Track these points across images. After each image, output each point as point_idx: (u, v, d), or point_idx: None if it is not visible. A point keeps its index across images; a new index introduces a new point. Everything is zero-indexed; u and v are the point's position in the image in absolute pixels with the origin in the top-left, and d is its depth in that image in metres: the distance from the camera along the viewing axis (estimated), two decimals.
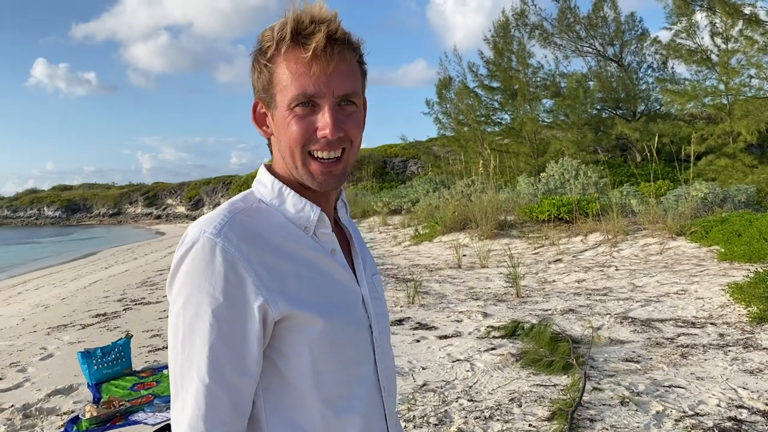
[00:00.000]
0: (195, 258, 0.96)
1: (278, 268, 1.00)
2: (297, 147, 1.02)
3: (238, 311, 0.95)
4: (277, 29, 1.01)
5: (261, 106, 1.08)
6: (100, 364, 4.72)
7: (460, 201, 14.65)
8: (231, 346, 0.95)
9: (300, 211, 1.07)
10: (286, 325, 0.99)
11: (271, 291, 0.97)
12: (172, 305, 0.98)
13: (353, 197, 24.25)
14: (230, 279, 0.95)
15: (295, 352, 1.01)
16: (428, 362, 4.57)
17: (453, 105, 26.41)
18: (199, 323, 0.94)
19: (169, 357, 0.98)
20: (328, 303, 1.04)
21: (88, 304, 9.23)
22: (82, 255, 27.40)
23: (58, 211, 79.41)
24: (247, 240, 0.98)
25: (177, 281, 0.97)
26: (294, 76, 1.00)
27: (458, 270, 9.20)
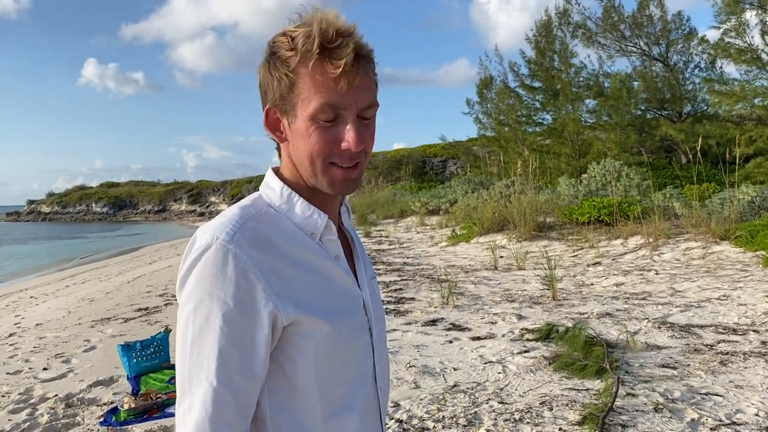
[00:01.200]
0: (207, 264, 0.97)
1: (287, 275, 1.02)
2: (319, 156, 1.03)
3: (248, 317, 0.97)
4: (301, 40, 0.99)
5: (275, 112, 1.07)
6: (139, 357, 4.84)
7: (499, 202, 14.54)
8: (240, 350, 0.97)
9: (308, 218, 1.09)
10: (293, 329, 1.02)
11: (280, 297, 1.00)
12: (182, 309, 1.00)
13: (391, 197, 24.29)
14: (241, 285, 0.97)
15: (301, 356, 1.03)
16: (460, 363, 4.57)
17: (493, 105, 26.22)
18: (209, 327, 0.96)
19: (177, 359, 1.00)
20: (333, 308, 1.07)
21: (131, 299, 9.49)
22: (128, 250, 28.11)
23: (105, 208, 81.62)
24: (257, 247, 1.00)
25: (188, 286, 0.99)
26: (319, 89, 1.00)
27: (494, 271, 9.14)
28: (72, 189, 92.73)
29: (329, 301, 1.07)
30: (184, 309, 0.99)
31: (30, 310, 10.27)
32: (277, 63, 1.03)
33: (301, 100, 1.01)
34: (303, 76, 1.00)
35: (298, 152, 1.06)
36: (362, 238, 15.81)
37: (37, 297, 12.32)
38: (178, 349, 1.00)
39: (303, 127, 1.03)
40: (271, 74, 1.04)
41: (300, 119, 1.03)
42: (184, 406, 0.98)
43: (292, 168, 1.11)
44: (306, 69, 1.00)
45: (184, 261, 1.01)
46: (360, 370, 1.13)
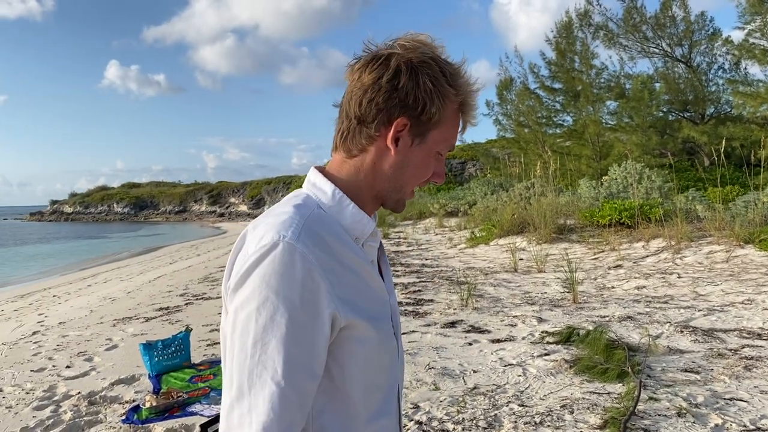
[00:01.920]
0: (274, 262, 0.96)
1: (343, 277, 1.02)
2: (419, 181, 1.13)
3: (312, 317, 0.97)
4: (463, 86, 1.09)
5: (406, 126, 1.08)
6: (160, 356, 4.89)
7: (518, 204, 14.47)
8: (304, 351, 0.97)
9: (357, 222, 1.09)
10: (347, 333, 1.02)
11: (340, 299, 1.00)
12: (242, 307, 0.97)
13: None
14: (307, 285, 0.96)
15: (349, 360, 1.04)
16: (480, 365, 4.55)
17: (513, 106, 26.10)
18: (274, 327, 0.95)
19: (233, 360, 0.98)
20: (376, 314, 1.08)
21: (152, 298, 9.58)
22: (148, 250, 28.40)
23: (126, 208, 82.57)
24: (319, 246, 1.00)
25: (249, 284, 0.97)
26: (453, 131, 1.12)
27: (514, 274, 9.09)
28: (94, 189, 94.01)
29: (372, 306, 1.08)
30: (244, 307, 0.97)
31: (53, 308, 10.42)
32: (439, 90, 1.06)
33: (440, 134, 1.10)
34: (450, 115, 1.10)
35: (404, 171, 1.11)
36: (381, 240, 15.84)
37: (60, 296, 12.49)
38: (236, 348, 0.97)
39: (425, 154, 1.11)
40: (426, 94, 1.06)
41: (427, 146, 1.10)
42: (242, 408, 0.96)
43: (368, 174, 1.12)
44: (455, 112, 1.11)
45: (243, 258, 1.00)
46: (391, 375, 1.14)
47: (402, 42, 1.08)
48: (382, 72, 1.06)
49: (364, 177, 1.12)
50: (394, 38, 1.10)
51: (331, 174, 1.13)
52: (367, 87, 1.07)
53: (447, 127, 1.10)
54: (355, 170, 1.12)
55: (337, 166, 1.14)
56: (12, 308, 11.50)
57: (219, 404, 4.06)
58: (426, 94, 1.05)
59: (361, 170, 1.12)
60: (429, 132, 1.09)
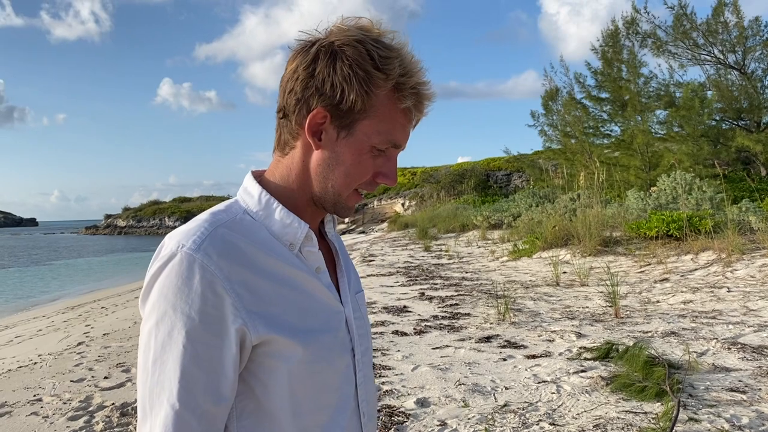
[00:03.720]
0: (171, 274, 0.89)
1: (260, 289, 0.94)
2: (356, 181, 1.01)
3: (214, 333, 0.89)
4: (397, 70, 0.96)
5: (326, 117, 0.97)
6: None
7: (563, 216, 14.17)
8: (205, 370, 0.89)
9: (287, 227, 1.00)
10: (264, 349, 0.93)
11: (251, 313, 0.91)
12: (144, 323, 0.92)
13: (453, 210, 24.09)
14: (208, 298, 0.88)
15: (272, 378, 0.95)
16: (512, 382, 4.42)
17: (559, 117, 25.71)
18: (172, 344, 0.88)
19: (138, 378, 0.92)
20: (309, 327, 0.98)
21: None
22: None
23: (177, 222, 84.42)
24: (228, 257, 0.92)
25: (151, 298, 0.91)
26: (395, 126, 0.99)
27: (556, 287, 8.88)
28: (146, 204, 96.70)
29: (305, 319, 0.98)
30: (146, 323, 0.91)
31: (99, 320, 10.68)
32: (358, 74, 0.95)
33: (370, 124, 0.97)
34: (382, 103, 0.97)
35: (333, 169, 1.00)
36: (421, 252, 15.71)
37: (108, 307, 12.82)
38: (139, 366, 0.92)
39: (356, 149, 0.99)
40: (343, 79, 0.95)
41: (356, 140, 0.98)
42: (145, 428, 0.89)
43: (299, 174, 1.02)
44: (389, 99, 0.97)
45: (148, 270, 0.93)
46: (339, 394, 1.03)
47: (335, 26, 0.99)
48: (302, 59, 0.97)
49: (296, 178, 1.02)
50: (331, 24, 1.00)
51: (265, 178, 1.05)
52: (288, 77, 0.99)
53: (380, 118, 0.97)
54: (287, 171, 1.03)
55: (272, 168, 1.06)
56: (62, 319, 11.86)
57: None
58: (343, 79, 0.94)
59: (292, 170, 1.02)
60: (356, 123, 0.97)
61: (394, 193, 47.09)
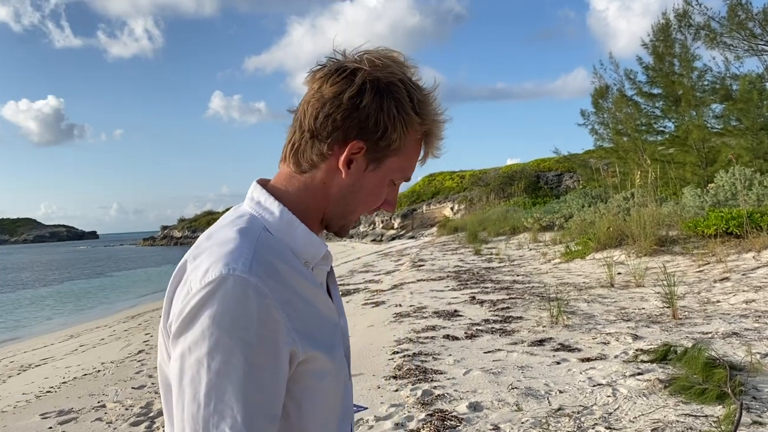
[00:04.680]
0: (225, 301, 0.87)
1: (299, 308, 0.95)
2: (368, 208, 1.07)
3: (270, 357, 0.89)
4: (430, 115, 1.02)
5: (361, 149, 0.99)
6: None
7: (617, 215, 13.86)
8: (263, 394, 0.88)
9: (308, 245, 1.01)
10: (304, 368, 0.95)
11: (299, 333, 0.92)
12: (190, 352, 0.87)
13: (503, 213, 23.86)
14: (264, 322, 0.88)
15: (304, 396, 0.96)
16: (566, 385, 4.36)
17: (610, 114, 25.16)
18: (231, 373, 0.86)
19: (183, 410, 0.87)
20: (330, 342, 1.01)
21: None
22: None
23: None
24: (274, 278, 0.92)
25: (198, 326, 0.87)
26: (412, 161, 1.05)
27: (610, 289, 8.69)
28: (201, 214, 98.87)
29: (326, 334, 1.01)
30: (193, 352, 0.87)
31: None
32: (403, 117, 0.98)
33: (397, 161, 1.03)
34: (411, 144, 1.03)
35: (354, 196, 1.04)
36: (472, 256, 15.62)
37: None
38: (185, 397, 0.87)
39: (378, 181, 1.04)
40: (390, 121, 0.98)
41: (382, 173, 1.03)
42: None
43: (317, 196, 1.04)
44: (417, 142, 1.04)
45: (187, 296, 0.89)
46: (345, 402, 1.07)
47: (371, 57, 0.99)
48: (344, 87, 0.97)
49: (312, 196, 1.03)
50: (364, 50, 1.01)
51: (278, 189, 1.04)
52: (326, 100, 0.98)
53: (406, 157, 1.03)
54: (305, 187, 1.03)
55: (284, 181, 1.05)
56: (123, 328, 12.26)
57: None
58: (389, 119, 0.97)
59: (310, 188, 1.03)
60: (386, 159, 1.01)
61: (442, 198, 46.90)
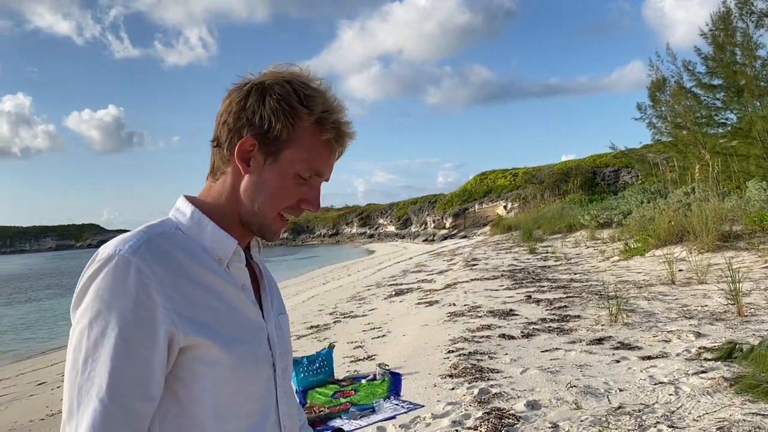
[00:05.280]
0: (107, 276, 0.94)
1: (191, 295, 1.00)
2: (280, 205, 1.10)
3: (145, 334, 0.94)
4: (320, 107, 1.08)
5: (254, 145, 1.08)
6: (306, 372, 5.11)
7: (677, 211, 13.46)
8: (135, 368, 0.93)
9: (217, 242, 1.08)
10: (191, 354, 0.99)
11: (180, 316, 0.97)
12: (77, 324, 0.95)
13: (559, 211, 23.47)
14: (141, 300, 0.94)
15: (196, 383, 1.00)
16: (627, 384, 4.28)
17: (668, 107, 24.43)
18: (105, 342, 0.92)
19: (66, 379, 0.95)
20: (234, 336, 1.05)
21: (304, 317, 10.05)
22: (304, 272, 29.86)
23: (285, 233, 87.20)
24: (161, 262, 0.98)
25: (86, 299, 0.95)
26: (317, 156, 1.10)
27: (671, 286, 8.46)
28: None
29: (231, 328, 1.05)
30: (79, 324, 0.95)
31: None
32: (284, 108, 1.06)
33: (296, 154, 1.08)
34: (305, 135, 1.08)
35: (259, 192, 1.09)
36: (526, 255, 15.42)
37: None
38: (68, 366, 0.95)
39: (280, 175, 1.09)
40: (271, 112, 1.06)
41: (281, 167, 1.08)
42: (71, 427, 0.92)
43: (229, 196, 1.11)
44: (312, 132, 1.08)
45: (83, 275, 0.98)
46: (261, 404, 1.10)
47: (269, 70, 1.11)
48: (235, 95, 1.09)
49: (225, 200, 1.11)
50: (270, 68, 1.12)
51: (198, 200, 1.14)
52: (222, 111, 1.10)
53: (303, 148, 1.08)
54: (218, 194, 1.12)
55: (205, 192, 1.15)
56: None
57: (357, 419, 4.17)
58: (272, 112, 1.06)
59: (223, 193, 1.12)
60: (281, 152, 1.08)
61: (495, 196, 46.47)
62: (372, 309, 9.58)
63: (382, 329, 7.51)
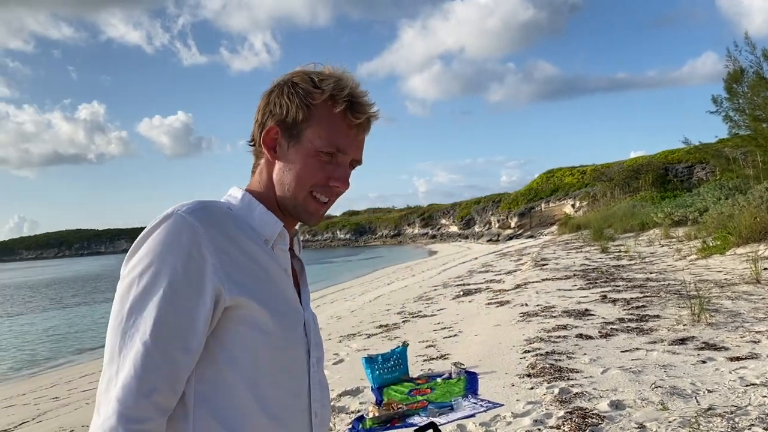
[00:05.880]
0: (162, 232, 0.99)
1: (239, 261, 1.04)
2: (308, 184, 1.13)
3: (193, 288, 0.97)
4: (332, 85, 1.11)
5: (278, 132, 1.14)
6: (381, 370, 5.13)
7: (760, 207, 12.85)
8: (180, 319, 0.96)
9: (265, 223, 1.12)
10: (234, 313, 1.01)
11: (228, 276, 1.00)
12: (127, 275, 0.99)
13: (630, 209, 22.78)
14: (193, 256, 0.98)
15: (236, 345, 1.02)
16: (715, 385, 4.11)
17: (747, 100, 23.35)
18: (154, 291, 0.96)
19: (110, 326, 0.98)
20: (279, 307, 1.08)
21: (372, 316, 10.11)
22: (368, 272, 30.05)
23: (348, 234, 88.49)
24: (214, 226, 1.02)
25: (140, 252, 1.00)
26: (335, 131, 1.12)
27: (757, 285, 8.08)
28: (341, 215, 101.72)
29: (274, 299, 1.08)
30: (129, 274, 0.99)
31: None
32: (299, 92, 1.11)
33: (316, 133, 1.11)
34: (321, 112, 1.11)
35: (287, 174, 1.14)
36: (598, 254, 15.04)
37: None
38: (112, 314, 0.98)
39: (303, 155, 1.12)
40: (288, 99, 1.12)
41: (303, 147, 1.12)
42: (111, 370, 0.95)
43: (266, 185, 1.17)
44: (327, 107, 1.11)
45: (143, 232, 1.03)
46: (296, 382, 1.11)
47: (295, 70, 1.17)
48: (263, 96, 1.17)
49: (264, 188, 1.17)
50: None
51: (249, 189, 1.20)
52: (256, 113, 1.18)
53: (322, 125, 1.11)
54: (257, 185, 1.18)
55: (249, 186, 1.21)
56: None
57: (436, 416, 4.15)
58: (288, 98, 1.11)
59: (261, 184, 1.17)
60: (302, 133, 1.12)
61: (562, 194, 45.53)
62: (440, 309, 9.54)
63: (453, 329, 7.47)
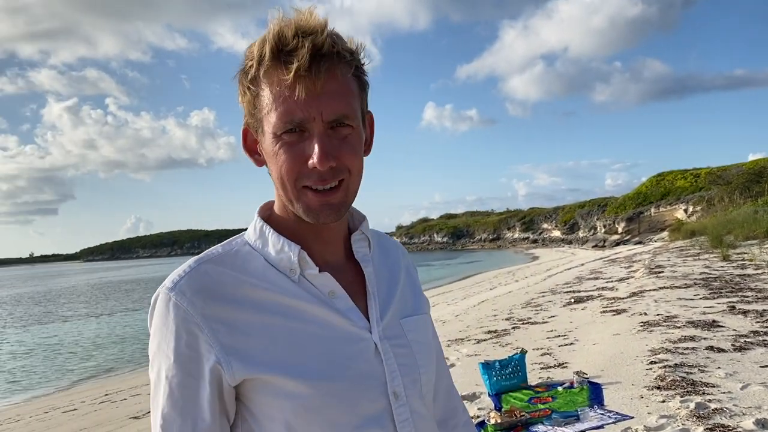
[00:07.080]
0: (155, 315, 0.91)
1: (242, 322, 0.89)
2: (289, 179, 0.90)
3: (189, 373, 0.87)
4: (257, 46, 0.89)
5: (251, 133, 0.97)
6: (498, 376, 5.03)
7: None
8: (180, 412, 0.88)
9: (280, 252, 0.94)
10: (251, 385, 0.89)
11: (228, 349, 0.87)
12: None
13: (752, 214, 21.28)
14: (181, 336, 0.87)
15: (266, 415, 0.89)
16: None
17: None
18: (159, 385, 0.89)
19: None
20: (307, 361, 0.89)
21: (479, 321, 9.97)
22: (468, 276, 29.82)
23: (445, 237, 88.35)
24: (204, 292, 0.89)
25: (150, 339, 0.93)
26: (278, 100, 0.88)
27: None
28: (416, 222, 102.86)
29: (303, 351, 0.90)
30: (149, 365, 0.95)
31: None
32: (242, 76, 0.93)
33: (265, 115, 0.90)
34: (263, 87, 0.90)
35: (273, 177, 0.94)
36: (719, 262, 14.12)
37: None
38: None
39: (269, 145, 0.91)
40: (239, 90, 0.94)
41: (266, 137, 0.91)
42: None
43: (276, 197, 1.00)
44: (263, 79, 0.89)
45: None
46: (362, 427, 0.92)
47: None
48: None
49: (276, 199, 1.00)
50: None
51: (269, 207, 1.03)
52: None
53: (269, 106, 0.88)
54: (277, 198, 1.00)
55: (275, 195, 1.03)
56: None
57: (561, 426, 4.01)
58: (239, 91, 0.94)
59: (276, 196, 1.00)
60: (261, 121, 0.91)
61: (674, 199, 43.38)
62: (552, 316, 9.26)
63: (568, 337, 7.22)
